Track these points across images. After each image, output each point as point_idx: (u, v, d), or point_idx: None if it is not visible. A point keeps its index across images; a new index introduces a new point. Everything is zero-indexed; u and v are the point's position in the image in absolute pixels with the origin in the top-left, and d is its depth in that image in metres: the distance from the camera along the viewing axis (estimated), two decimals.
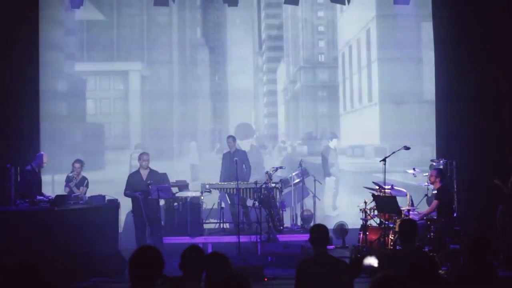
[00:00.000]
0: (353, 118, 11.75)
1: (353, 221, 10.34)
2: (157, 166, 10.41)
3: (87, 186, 9.91)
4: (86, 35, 11.13)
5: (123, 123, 11.46)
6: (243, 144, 11.19)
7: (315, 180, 10.48)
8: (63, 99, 11.10)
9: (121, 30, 11.20)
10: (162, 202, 9.85)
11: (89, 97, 11.26)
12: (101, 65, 11.25)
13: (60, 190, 9.70)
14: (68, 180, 9.87)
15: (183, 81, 11.49)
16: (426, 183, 9.14)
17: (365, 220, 8.85)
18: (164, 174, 10.06)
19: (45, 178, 10.00)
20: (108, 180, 9.95)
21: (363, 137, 11.41)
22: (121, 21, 11.24)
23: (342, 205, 10.91)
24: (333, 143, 11.13)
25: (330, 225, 10.54)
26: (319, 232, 5.02)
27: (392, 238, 8.23)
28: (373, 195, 8.84)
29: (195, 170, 11.37)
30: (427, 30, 10.94)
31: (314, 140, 11.56)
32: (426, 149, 10.69)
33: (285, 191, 10.48)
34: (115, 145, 11.28)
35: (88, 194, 9.90)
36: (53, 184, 10.48)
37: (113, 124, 11.49)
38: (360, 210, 9.01)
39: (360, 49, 11.57)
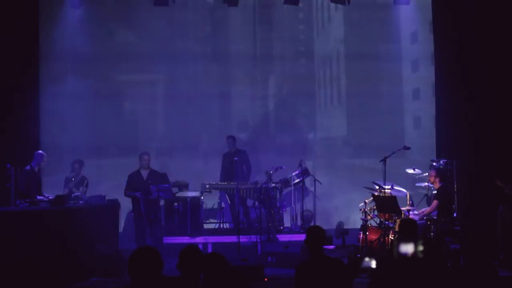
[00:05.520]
0: (326, 116, 12.47)
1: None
2: (177, 153, 11.56)
3: (86, 186, 9.54)
4: (124, 52, 11.80)
5: (151, 120, 12.19)
6: (243, 136, 11.86)
7: (315, 180, 10.12)
8: (105, 101, 11.84)
9: (150, 48, 11.87)
10: (162, 202, 9.50)
11: (125, 100, 12.16)
12: (134, 76, 12.02)
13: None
14: (67, 180, 9.55)
15: (197, 88, 12.09)
16: (426, 183, 8.81)
17: (365, 220, 8.51)
18: (164, 174, 9.69)
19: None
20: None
21: (334, 130, 12.28)
22: (150, 41, 11.90)
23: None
24: (310, 135, 11.92)
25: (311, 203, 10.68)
26: (315, 234, 4.81)
27: (392, 238, 7.91)
28: (373, 195, 8.49)
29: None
30: (386, 46, 11.69)
31: (296, 133, 12.15)
32: (384, 140, 11.01)
33: (285, 191, 10.16)
34: (145, 136, 11.98)
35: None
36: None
37: (144, 121, 12.09)
38: (360, 210, 8.66)
39: (332, 64, 12.46)
